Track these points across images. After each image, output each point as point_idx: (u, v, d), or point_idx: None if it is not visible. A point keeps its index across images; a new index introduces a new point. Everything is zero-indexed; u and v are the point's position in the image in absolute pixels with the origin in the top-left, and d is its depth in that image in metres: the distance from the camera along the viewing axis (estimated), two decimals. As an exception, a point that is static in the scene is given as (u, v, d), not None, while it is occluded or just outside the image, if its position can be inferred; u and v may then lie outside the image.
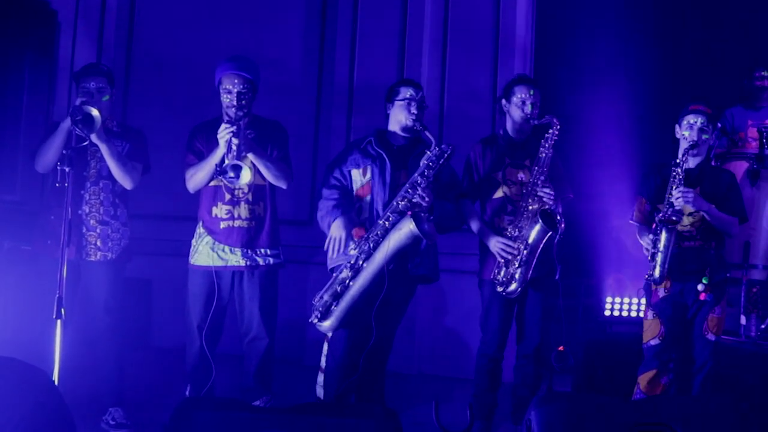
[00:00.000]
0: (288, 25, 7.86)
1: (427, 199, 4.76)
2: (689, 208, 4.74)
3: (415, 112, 4.95)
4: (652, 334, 4.84)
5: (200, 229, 5.16)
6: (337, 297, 4.77)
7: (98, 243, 5.02)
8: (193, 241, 5.17)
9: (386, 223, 4.76)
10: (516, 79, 5.23)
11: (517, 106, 5.04)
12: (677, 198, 4.68)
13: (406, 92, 5.00)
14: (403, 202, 4.76)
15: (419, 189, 4.75)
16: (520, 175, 5.01)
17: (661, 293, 4.83)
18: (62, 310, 4.20)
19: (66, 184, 4.37)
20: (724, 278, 4.82)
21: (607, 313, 6.26)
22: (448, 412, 3.39)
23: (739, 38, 7.27)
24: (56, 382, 3.98)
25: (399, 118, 5.01)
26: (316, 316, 4.82)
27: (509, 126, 5.12)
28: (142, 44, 8.22)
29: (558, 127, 4.93)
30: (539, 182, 4.88)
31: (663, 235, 4.68)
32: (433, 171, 4.79)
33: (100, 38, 8.17)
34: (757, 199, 6.02)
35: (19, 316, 6.23)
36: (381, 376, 4.99)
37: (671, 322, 4.81)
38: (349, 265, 4.76)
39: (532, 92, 5.03)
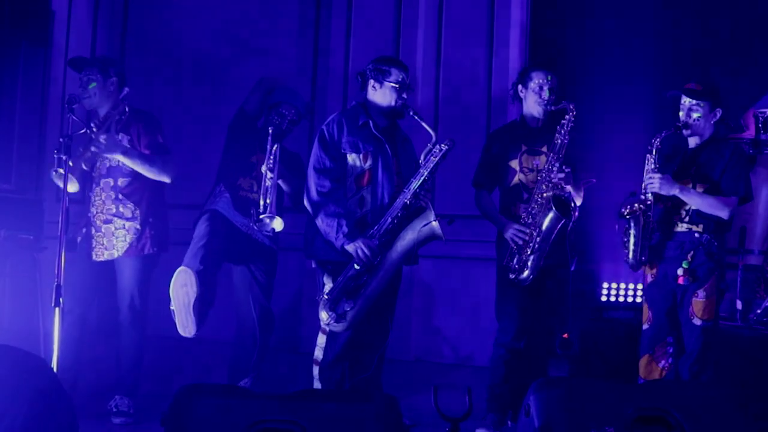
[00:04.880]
0: (283, 13, 7.83)
1: (428, 197, 4.71)
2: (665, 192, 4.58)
3: (406, 97, 4.77)
4: (644, 319, 4.79)
5: None
6: (351, 297, 4.59)
7: (104, 242, 5.04)
8: None
9: (395, 220, 4.61)
10: (533, 64, 5.12)
11: (534, 92, 4.90)
12: (646, 184, 4.60)
13: (399, 75, 4.77)
14: (409, 200, 4.61)
15: (426, 186, 4.66)
16: (536, 162, 4.89)
17: (649, 279, 4.77)
18: (60, 299, 4.20)
19: (62, 171, 4.38)
20: (706, 262, 4.61)
21: (604, 298, 6.26)
22: (447, 397, 3.39)
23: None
24: (55, 370, 3.97)
25: (387, 100, 4.76)
26: (332, 318, 4.59)
27: (525, 112, 4.99)
28: (137, 30, 8.20)
29: (574, 113, 4.77)
30: (554, 169, 4.75)
31: (631, 224, 4.62)
32: (435, 168, 4.68)
33: (94, 25, 8.15)
34: (753, 185, 5.99)
35: (15, 305, 6.23)
36: (379, 362, 4.94)
37: (657, 308, 4.72)
38: (360, 264, 4.57)
39: (549, 78, 4.89)
